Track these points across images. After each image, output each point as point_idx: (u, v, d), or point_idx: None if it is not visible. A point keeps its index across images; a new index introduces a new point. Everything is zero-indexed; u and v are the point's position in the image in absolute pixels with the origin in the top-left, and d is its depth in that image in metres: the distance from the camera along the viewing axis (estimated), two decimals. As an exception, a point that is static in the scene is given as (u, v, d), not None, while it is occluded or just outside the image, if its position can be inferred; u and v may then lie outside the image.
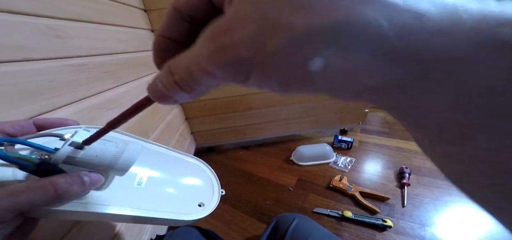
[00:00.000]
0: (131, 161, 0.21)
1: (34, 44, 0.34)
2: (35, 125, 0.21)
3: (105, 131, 0.17)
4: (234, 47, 0.08)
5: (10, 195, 0.15)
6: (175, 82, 0.10)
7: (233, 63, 0.08)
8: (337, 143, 1.14)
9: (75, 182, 0.17)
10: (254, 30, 0.08)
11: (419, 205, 0.76)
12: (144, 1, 0.75)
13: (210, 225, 0.79)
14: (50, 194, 0.16)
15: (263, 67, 0.08)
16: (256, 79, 0.09)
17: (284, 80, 0.09)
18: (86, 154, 0.18)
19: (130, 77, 0.60)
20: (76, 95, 0.41)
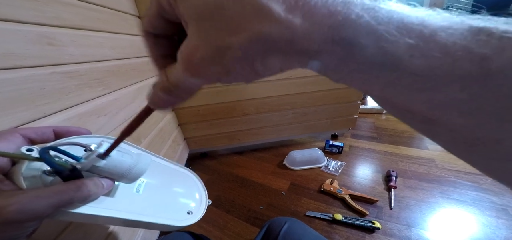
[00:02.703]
0: (142, 171, 0.23)
1: (26, 52, 0.34)
2: (54, 133, 0.23)
3: (120, 141, 0.19)
4: (200, 66, 0.12)
5: (56, 193, 0.17)
6: (174, 87, 0.13)
7: (203, 76, 0.12)
8: (328, 147, 1.17)
9: (99, 186, 0.21)
10: (208, 53, 0.11)
11: (406, 207, 0.79)
12: (138, 7, 0.75)
13: (203, 230, 0.79)
14: (84, 194, 0.19)
15: (226, 74, 0.12)
16: (224, 81, 0.12)
17: (242, 76, 0.12)
18: (107, 164, 0.21)
19: (121, 84, 0.60)
20: (66, 102, 0.41)
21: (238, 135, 1.16)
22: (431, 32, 0.09)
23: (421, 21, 0.10)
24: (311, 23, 0.10)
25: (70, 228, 0.38)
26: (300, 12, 0.10)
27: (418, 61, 0.09)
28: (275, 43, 0.11)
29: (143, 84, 0.73)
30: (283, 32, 0.10)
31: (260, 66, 0.12)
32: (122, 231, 0.53)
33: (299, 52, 0.11)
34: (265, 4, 0.10)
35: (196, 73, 0.12)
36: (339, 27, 0.10)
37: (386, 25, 0.10)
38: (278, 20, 0.10)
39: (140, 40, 0.76)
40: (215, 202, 0.90)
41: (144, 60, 0.78)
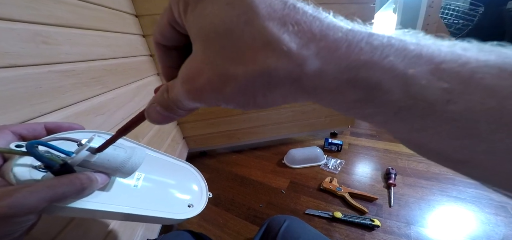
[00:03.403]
0: (137, 165, 0.23)
1: (21, 50, 0.33)
2: (45, 128, 0.23)
3: (115, 138, 0.19)
4: (201, 91, 0.11)
5: (47, 187, 0.17)
6: (173, 105, 0.13)
7: (204, 101, 0.12)
8: (328, 146, 1.17)
9: (93, 180, 0.20)
10: (211, 79, 0.11)
11: (405, 205, 0.79)
12: (135, 6, 0.75)
13: (203, 229, 0.79)
14: (77, 188, 0.19)
15: (226, 102, 0.11)
16: (225, 106, 0.12)
17: (243, 107, 0.12)
18: (99, 158, 0.20)
19: (118, 83, 0.60)
20: (63, 101, 0.40)
21: (237, 134, 1.16)
22: (470, 71, 0.08)
23: (457, 58, 0.08)
24: (325, 61, 0.09)
25: (71, 226, 0.37)
26: (316, 48, 0.09)
27: (456, 106, 0.08)
28: (281, 79, 0.10)
29: (141, 83, 0.72)
30: (292, 68, 0.09)
31: (261, 99, 0.11)
32: (122, 230, 0.53)
33: (308, 90, 0.10)
34: (276, 36, 0.09)
35: (197, 97, 0.11)
36: (359, 68, 0.09)
37: (415, 66, 0.09)
38: (288, 55, 0.09)
39: (138, 39, 0.76)
40: (214, 200, 0.90)
41: (142, 59, 0.77)
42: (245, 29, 0.09)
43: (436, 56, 0.09)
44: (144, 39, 0.81)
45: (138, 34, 0.77)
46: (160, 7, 0.77)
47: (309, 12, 0.10)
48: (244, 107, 0.12)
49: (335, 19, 0.10)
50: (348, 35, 0.09)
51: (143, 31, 0.79)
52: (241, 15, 0.09)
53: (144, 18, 0.78)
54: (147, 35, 0.81)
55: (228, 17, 0.10)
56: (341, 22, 0.10)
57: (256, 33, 0.09)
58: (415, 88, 0.09)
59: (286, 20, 0.09)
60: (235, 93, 0.11)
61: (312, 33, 0.09)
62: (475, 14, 1.64)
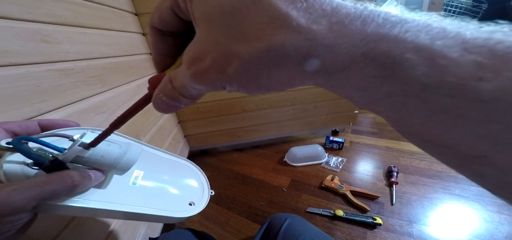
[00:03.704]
0: (132, 162, 0.22)
1: (20, 49, 0.33)
2: (39, 126, 0.22)
3: (108, 133, 0.18)
4: (206, 72, 0.11)
5: (37, 185, 0.16)
6: (179, 93, 0.13)
7: (209, 83, 0.11)
8: (329, 143, 1.17)
9: (86, 176, 0.20)
10: (215, 59, 0.10)
11: (407, 203, 0.79)
12: (135, 5, 0.74)
13: (204, 227, 0.79)
14: (68, 185, 0.18)
15: (229, 83, 0.11)
16: (229, 89, 0.12)
17: (246, 88, 0.11)
18: (92, 154, 0.20)
19: (119, 82, 0.59)
20: (63, 100, 0.40)
21: (238, 132, 1.16)
22: (506, 48, 0.07)
23: (488, 35, 0.08)
24: (338, 35, 0.09)
25: (71, 226, 0.37)
26: (327, 23, 0.09)
27: (488, 86, 0.07)
28: (289, 56, 0.09)
29: (142, 81, 0.72)
30: (301, 44, 0.09)
31: (265, 80, 0.11)
32: (124, 229, 0.53)
33: (318, 69, 0.10)
34: (284, 12, 0.09)
35: (202, 79, 0.11)
36: (377, 41, 0.08)
37: (443, 39, 0.08)
38: (297, 30, 0.09)
39: (138, 37, 0.76)
40: (216, 199, 0.90)
41: (143, 57, 0.77)
42: (251, 7, 0.09)
43: (464, 32, 0.08)
44: (144, 38, 0.80)
45: (138, 32, 0.77)
46: (160, 5, 0.77)
47: None
48: (247, 88, 0.11)
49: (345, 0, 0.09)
50: (363, 11, 0.09)
51: (143, 29, 0.79)
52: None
53: (144, 16, 0.77)
54: (146, 34, 0.80)
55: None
56: (352, 2, 0.09)
57: (263, 10, 0.09)
58: (443, 62, 0.08)
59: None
60: (238, 73, 0.10)
61: (323, 9, 0.09)
62: (479, 11, 1.62)
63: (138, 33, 0.76)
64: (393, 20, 0.09)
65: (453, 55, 0.08)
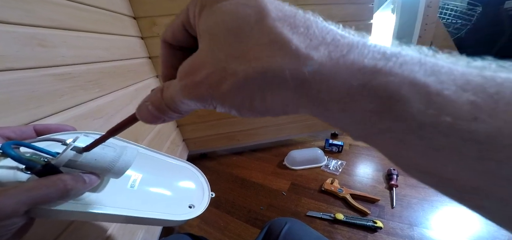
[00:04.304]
0: (127, 165, 0.22)
1: (16, 53, 0.33)
2: (34, 131, 0.22)
3: (105, 138, 0.18)
4: (197, 86, 0.11)
5: (27, 190, 0.16)
6: (165, 104, 0.12)
7: (199, 98, 0.11)
8: (328, 147, 1.16)
9: (79, 180, 0.19)
10: (210, 74, 0.10)
11: (407, 206, 0.79)
12: (133, 8, 0.75)
13: (204, 231, 0.78)
14: (60, 189, 0.18)
15: (221, 101, 0.11)
16: (220, 108, 0.11)
17: (239, 110, 0.11)
18: (85, 158, 0.20)
19: (117, 86, 0.59)
20: (60, 105, 0.40)
21: (237, 136, 1.15)
22: (497, 87, 0.07)
23: (479, 71, 0.08)
24: (336, 65, 0.09)
25: (69, 230, 0.37)
26: (326, 50, 0.09)
27: (483, 126, 0.07)
28: (285, 81, 0.09)
29: (140, 85, 0.72)
30: (298, 69, 0.09)
31: (259, 103, 0.10)
32: (121, 233, 0.52)
33: (313, 97, 0.09)
34: (284, 36, 0.09)
35: (192, 93, 0.11)
36: (374, 73, 0.08)
37: (437, 75, 0.08)
38: (295, 54, 0.09)
39: (136, 41, 0.76)
40: (215, 203, 0.89)
41: (141, 61, 0.77)
42: (254, 27, 0.09)
43: (456, 68, 0.08)
44: (143, 41, 0.80)
45: (137, 36, 0.77)
46: (158, 9, 0.77)
47: (320, 21, 0.10)
48: (239, 109, 0.11)
49: (347, 29, 0.10)
50: (360, 42, 0.09)
51: (141, 33, 0.79)
52: (253, 15, 0.09)
53: (142, 20, 0.77)
54: (145, 37, 0.80)
55: (239, 16, 0.10)
56: (350, 33, 0.10)
57: (265, 32, 0.09)
58: (438, 99, 0.08)
59: (296, 23, 0.09)
60: (231, 91, 0.10)
61: (323, 37, 0.09)
62: (473, 14, 1.64)
63: (136, 37, 0.76)
64: (389, 53, 0.09)
65: (448, 93, 0.08)
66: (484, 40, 1.77)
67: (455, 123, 0.07)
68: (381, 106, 0.08)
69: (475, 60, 0.08)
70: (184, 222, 0.28)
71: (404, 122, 0.08)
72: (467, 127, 0.07)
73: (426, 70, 0.08)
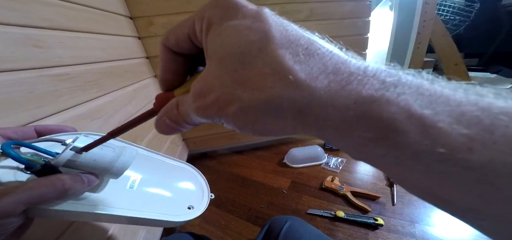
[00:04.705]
0: (126, 165, 0.22)
1: (11, 54, 0.32)
2: (35, 131, 0.22)
3: (105, 139, 0.18)
4: (208, 108, 0.12)
5: (25, 189, 0.16)
6: (183, 120, 0.13)
7: (209, 118, 0.12)
8: (328, 144, 1.16)
9: (77, 180, 0.20)
10: (218, 98, 0.11)
11: (408, 203, 0.79)
12: (130, 8, 0.74)
13: (205, 230, 0.78)
14: (59, 189, 0.18)
15: (227, 121, 0.12)
16: (226, 125, 0.12)
17: (241, 129, 0.12)
18: (84, 158, 0.20)
19: (115, 86, 0.59)
20: (59, 105, 0.40)
21: (237, 134, 1.15)
22: (492, 118, 0.07)
23: (475, 101, 0.08)
24: (333, 95, 0.09)
25: (69, 231, 0.36)
26: (325, 80, 0.09)
27: (478, 156, 0.07)
28: (285, 110, 0.10)
29: (138, 85, 0.72)
30: (297, 99, 0.09)
31: (260, 127, 0.11)
32: (122, 234, 0.52)
33: (310, 123, 0.10)
34: (286, 65, 0.09)
35: (204, 113, 0.12)
36: (370, 103, 0.08)
37: (433, 107, 0.08)
38: (295, 85, 0.09)
39: (134, 41, 0.75)
40: (216, 202, 0.89)
41: (139, 61, 0.76)
42: (258, 55, 0.10)
43: (454, 97, 0.08)
44: (140, 41, 0.80)
45: (134, 36, 0.76)
46: (154, 9, 0.76)
47: (322, 45, 0.10)
48: (241, 129, 0.12)
49: (347, 55, 0.10)
50: (359, 70, 0.09)
51: (138, 33, 0.78)
52: (256, 42, 0.10)
53: (139, 20, 0.77)
54: (142, 37, 0.80)
55: (244, 42, 0.10)
56: (353, 59, 0.10)
57: (267, 61, 0.10)
58: (433, 131, 0.08)
59: (299, 50, 0.10)
60: (236, 114, 0.11)
61: (323, 65, 0.09)
62: (472, 10, 1.64)
63: (133, 37, 0.76)
64: (388, 82, 0.09)
65: (443, 125, 0.08)
66: (482, 36, 1.77)
67: (451, 154, 0.08)
68: (378, 134, 0.09)
69: (474, 87, 0.09)
70: (183, 223, 0.28)
71: (401, 150, 0.09)
72: (462, 157, 0.08)
73: (423, 100, 0.08)
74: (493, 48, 1.79)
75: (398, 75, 0.09)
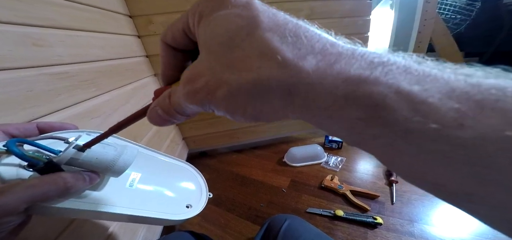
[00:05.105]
0: (128, 164, 0.22)
1: (9, 53, 0.32)
2: (38, 128, 0.22)
3: (105, 136, 0.18)
4: (197, 93, 0.12)
5: (28, 187, 0.16)
6: (173, 109, 0.13)
7: (199, 104, 0.12)
8: (328, 143, 1.16)
9: (79, 179, 0.20)
10: (207, 82, 0.11)
11: (407, 202, 0.79)
12: (129, 7, 0.74)
13: (205, 229, 0.78)
14: (61, 187, 0.18)
15: (217, 106, 0.12)
16: (217, 112, 0.12)
17: (232, 115, 0.12)
18: (87, 157, 0.20)
19: (114, 85, 0.59)
20: (57, 104, 0.39)
21: (237, 133, 1.15)
22: (482, 94, 0.07)
23: (465, 78, 0.08)
24: (322, 75, 0.09)
25: (70, 228, 0.37)
26: (313, 60, 0.09)
27: (468, 132, 0.07)
28: (273, 90, 0.10)
29: (138, 84, 0.71)
30: (285, 79, 0.09)
31: (251, 110, 0.11)
32: (122, 231, 0.52)
33: (300, 105, 0.10)
34: (273, 47, 0.09)
35: (193, 99, 0.12)
36: (359, 83, 0.08)
37: (422, 84, 0.08)
38: (282, 65, 0.09)
39: (133, 39, 0.75)
40: (215, 201, 0.89)
41: (138, 60, 0.76)
42: (245, 39, 0.10)
43: (442, 76, 0.08)
44: (140, 40, 0.80)
45: (133, 34, 0.76)
46: (154, 7, 0.76)
47: (310, 29, 0.10)
48: (233, 114, 0.12)
49: (335, 38, 0.10)
50: (348, 51, 0.09)
51: (138, 31, 0.78)
52: (245, 26, 0.10)
53: (138, 19, 0.77)
54: (142, 36, 0.79)
55: (232, 28, 0.10)
56: (341, 41, 0.10)
57: (254, 43, 0.10)
58: (423, 107, 0.08)
59: (286, 33, 0.10)
60: (225, 98, 0.11)
61: (311, 46, 0.09)
62: (473, 9, 1.64)
63: (132, 36, 0.75)
64: (376, 62, 0.09)
65: (433, 100, 0.08)
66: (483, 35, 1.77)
67: (442, 130, 0.08)
68: (368, 113, 0.09)
69: (462, 67, 0.08)
70: (181, 222, 0.28)
71: (391, 129, 0.08)
72: (454, 133, 0.07)
73: (412, 78, 0.08)
74: (494, 47, 1.78)
75: (386, 56, 0.09)
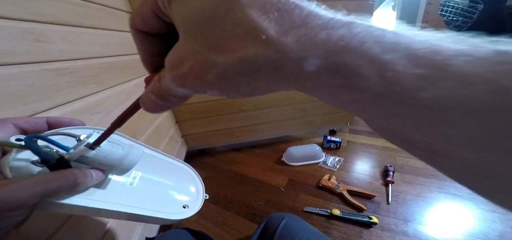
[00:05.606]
0: (133, 163, 0.23)
1: (11, 48, 0.33)
2: (47, 123, 0.23)
3: (110, 131, 0.19)
4: (184, 78, 0.11)
5: (41, 182, 0.17)
6: (166, 93, 0.13)
7: (190, 87, 0.12)
8: (326, 143, 1.17)
9: (87, 175, 0.20)
10: (193, 66, 0.11)
11: (403, 202, 0.80)
12: (131, 4, 0.74)
13: (202, 226, 0.79)
14: (71, 183, 0.18)
15: (210, 88, 0.12)
16: (211, 92, 0.12)
17: (227, 93, 0.12)
18: (96, 155, 0.20)
19: (115, 81, 0.59)
20: (58, 99, 0.40)
21: (236, 132, 1.16)
22: (444, 59, 0.08)
23: (430, 46, 0.08)
24: (304, 48, 0.09)
25: (68, 223, 0.37)
26: (296, 35, 0.09)
27: (428, 93, 0.08)
28: (262, 67, 0.10)
29: (139, 81, 0.72)
30: (271, 56, 0.10)
31: (244, 87, 0.11)
32: (120, 228, 0.53)
33: (288, 77, 0.10)
34: (256, 25, 0.09)
35: (183, 84, 0.12)
36: (337, 53, 0.09)
37: (392, 53, 0.09)
38: (267, 43, 0.09)
39: (134, 36, 0.75)
40: (213, 199, 0.90)
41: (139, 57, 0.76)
42: (225, 18, 0.10)
43: (412, 44, 0.09)
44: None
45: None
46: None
47: (293, 1, 0.10)
48: (228, 94, 0.12)
49: (317, 8, 0.10)
50: (329, 22, 0.09)
51: (140, 28, 0.78)
52: (222, 3, 0.09)
53: (141, 15, 0.77)
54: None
55: (209, 6, 0.10)
56: (323, 11, 0.10)
57: (236, 22, 0.10)
58: (390, 74, 0.09)
59: (267, 7, 0.09)
60: (217, 80, 0.11)
61: (293, 20, 0.09)
62: (475, 11, 1.63)
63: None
64: (355, 32, 0.09)
65: (399, 67, 0.09)
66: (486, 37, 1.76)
67: (404, 92, 0.09)
68: (346, 81, 0.09)
69: (437, 33, 0.09)
70: (177, 221, 0.29)
71: (363, 94, 0.09)
72: (415, 96, 0.08)
73: (385, 47, 0.09)
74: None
75: (366, 26, 0.09)
